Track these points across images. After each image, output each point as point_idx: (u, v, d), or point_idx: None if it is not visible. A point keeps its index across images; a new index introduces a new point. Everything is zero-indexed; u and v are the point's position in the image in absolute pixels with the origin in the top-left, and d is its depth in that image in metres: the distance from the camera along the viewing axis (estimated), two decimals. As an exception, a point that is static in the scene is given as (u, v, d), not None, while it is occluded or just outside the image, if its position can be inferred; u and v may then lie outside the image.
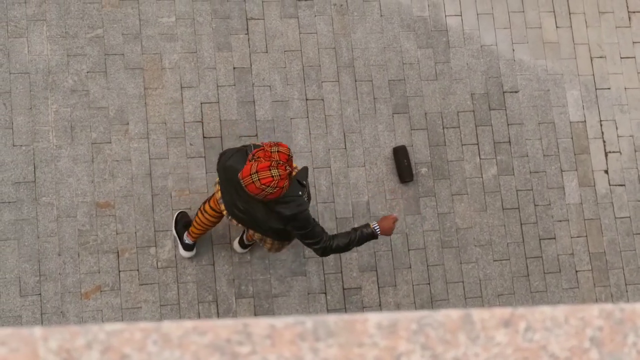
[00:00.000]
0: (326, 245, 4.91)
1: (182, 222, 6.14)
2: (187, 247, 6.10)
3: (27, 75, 6.26)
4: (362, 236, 4.97)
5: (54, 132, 6.21)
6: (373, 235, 4.98)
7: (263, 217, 4.92)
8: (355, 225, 6.45)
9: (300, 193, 4.83)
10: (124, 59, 6.38)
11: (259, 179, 4.57)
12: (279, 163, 4.59)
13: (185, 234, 6.06)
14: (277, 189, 4.59)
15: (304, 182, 4.91)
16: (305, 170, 4.98)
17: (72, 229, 6.11)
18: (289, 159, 4.65)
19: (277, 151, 4.63)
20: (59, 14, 6.38)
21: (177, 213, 6.18)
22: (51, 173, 6.15)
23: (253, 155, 4.65)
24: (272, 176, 4.56)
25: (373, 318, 1.26)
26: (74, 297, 6.04)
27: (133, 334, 1.20)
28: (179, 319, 6.12)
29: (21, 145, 6.15)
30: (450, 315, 1.29)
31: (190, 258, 6.20)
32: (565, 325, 1.31)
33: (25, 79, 6.25)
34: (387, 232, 5.00)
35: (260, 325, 1.22)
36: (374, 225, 4.98)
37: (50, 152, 6.18)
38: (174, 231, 6.16)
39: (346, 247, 4.95)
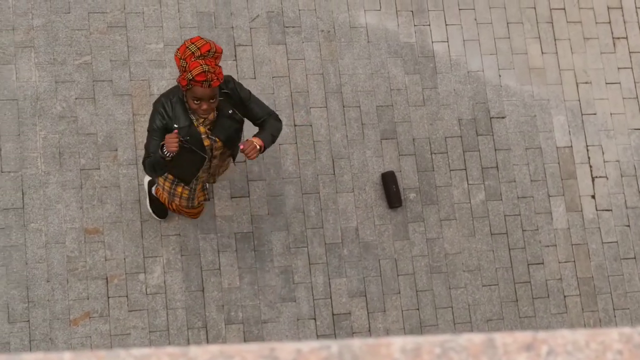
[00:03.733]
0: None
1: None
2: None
3: (16, 101, 6.25)
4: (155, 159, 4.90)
5: (42, 159, 6.19)
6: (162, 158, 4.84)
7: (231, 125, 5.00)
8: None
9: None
10: (112, 85, 6.39)
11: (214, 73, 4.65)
12: (198, 58, 4.67)
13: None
14: (218, 68, 4.69)
15: None
16: None
17: (61, 255, 6.08)
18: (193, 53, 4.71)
19: (190, 52, 4.67)
20: (47, 40, 6.39)
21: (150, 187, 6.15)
22: (40, 199, 6.13)
23: (186, 83, 4.67)
24: (208, 70, 4.64)
25: (397, 342, 1.27)
26: (62, 324, 6.00)
27: (160, 359, 1.20)
28: (180, 345, 6.09)
29: (9, 172, 6.13)
30: (473, 339, 1.30)
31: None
32: (586, 349, 1.32)
33: (13, 105, 6.23)
34: (168, 145, 4.75)
35: (286, 349, 1.23)
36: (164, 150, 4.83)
37: (39, 178, 6.17)
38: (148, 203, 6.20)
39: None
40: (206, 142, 5.01)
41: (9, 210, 6.07)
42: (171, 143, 4.71)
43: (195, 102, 4.73)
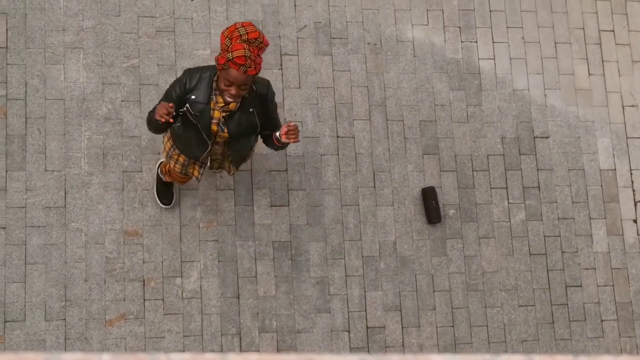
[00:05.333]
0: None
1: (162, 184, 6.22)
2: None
3: (62, 101, 6.31)
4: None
5: (86, 159, 6.25)
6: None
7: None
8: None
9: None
10: (158, 89, 6.43)
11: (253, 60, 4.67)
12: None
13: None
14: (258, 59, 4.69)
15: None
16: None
17: (100, 256, 6.13)
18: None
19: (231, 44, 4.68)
20: (96, 42, 6.45)
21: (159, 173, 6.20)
22: (81, 199, 6.19)
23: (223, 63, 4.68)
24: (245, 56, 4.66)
25: (435, 359, 1.26)
26: (98, 324, 6.04)
27: (199, 365, 1.20)
28: (214, 351, 6.12)
29: (53, 171, 6.19)
30: (512, 359, 1.29)
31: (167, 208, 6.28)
32: (626, 375, 1.31)
33: (60, 105, 6.30)
34: (158, 112, 4.82)
35: (325, 361, 1.23)
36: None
37: (82, 178, 6.22)
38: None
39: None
40: (214, 127, 5.01)
41: (51, 208, 6.13)
42: (161, 110, 4.73)
43: (226, 84, 4.74)
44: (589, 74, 7.13)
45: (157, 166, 6.22)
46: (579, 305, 6.69)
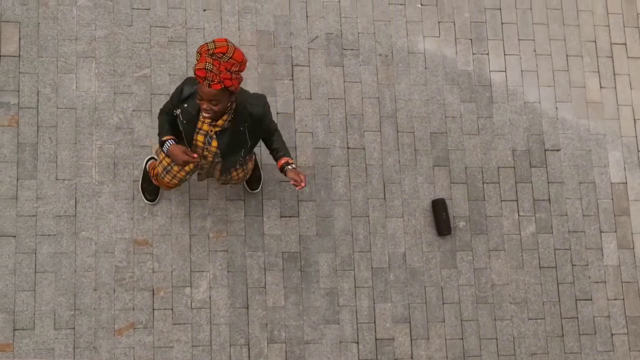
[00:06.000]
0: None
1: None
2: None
3: (74, 110, 6.33)
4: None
5: (96, 168, 6.26)
6: (161, 144, 5.21)
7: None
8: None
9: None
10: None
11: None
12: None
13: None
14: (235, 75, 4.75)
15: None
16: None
17: (109, 265, 6.14)
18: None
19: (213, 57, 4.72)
20: (109, 52, 6.47)
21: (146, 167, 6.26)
22: (92, 208, 6.20)
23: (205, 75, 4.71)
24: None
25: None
26: (107, 333, 6.05)
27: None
28: (211, 361, 6.11)
29: (64, 179, 6.21)
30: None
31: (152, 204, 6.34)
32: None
33: (71, 114, 6.32)
34: (174, 158, 5.12)
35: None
36: (169, 143, 5.16)
37: (92, 187, 6.23)
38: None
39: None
40: (199, 138, 5.11)
41: (62, 217, 6.14)
42: (177, 155, 5.08)
43: (198, 98, 4.81)
44: (601, 87, 7.11)
45: (145, 162, 6.24)
46: (589, 318, 6.67)
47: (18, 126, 6.24)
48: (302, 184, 5.08)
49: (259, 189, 6.38)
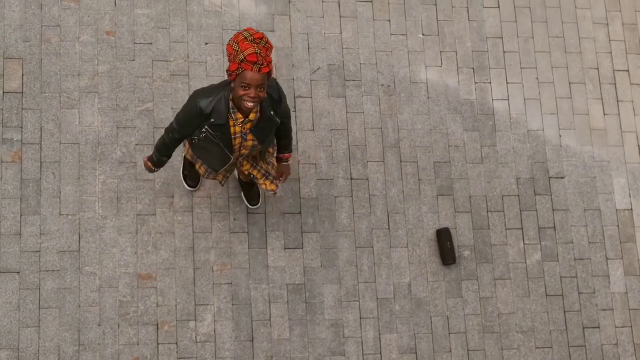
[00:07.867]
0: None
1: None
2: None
3: (77, 145, 6.35)
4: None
5: (100, 203, 6.27)
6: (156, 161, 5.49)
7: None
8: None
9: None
10: (172, 133, 6.45)
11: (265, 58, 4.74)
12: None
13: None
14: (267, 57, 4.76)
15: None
16: None
17: (114, 300, 6.13)
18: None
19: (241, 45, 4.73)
20: (111, 86, 6.50)
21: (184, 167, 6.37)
22: (95, 243, 6.20)
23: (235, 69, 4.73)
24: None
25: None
26: (111, 368, 6.04)
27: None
28: (216, 395, 6.09)
29: (67, 215, 6.22)
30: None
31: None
32: None
33: (75, 149, 6.34)
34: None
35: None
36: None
37: (96, 222, 6.24)
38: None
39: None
40: (237, 141, 5.12)
41: (65, 252, 6.15)
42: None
43: (243, 87, 4.70)
44: (604, 114, 7.10)
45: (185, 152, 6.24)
46: (596, 346, 6.62)
47: (21, 162, 6.26)
48: (280, 181, 5.59)
49: (258, 204, 6.39)
